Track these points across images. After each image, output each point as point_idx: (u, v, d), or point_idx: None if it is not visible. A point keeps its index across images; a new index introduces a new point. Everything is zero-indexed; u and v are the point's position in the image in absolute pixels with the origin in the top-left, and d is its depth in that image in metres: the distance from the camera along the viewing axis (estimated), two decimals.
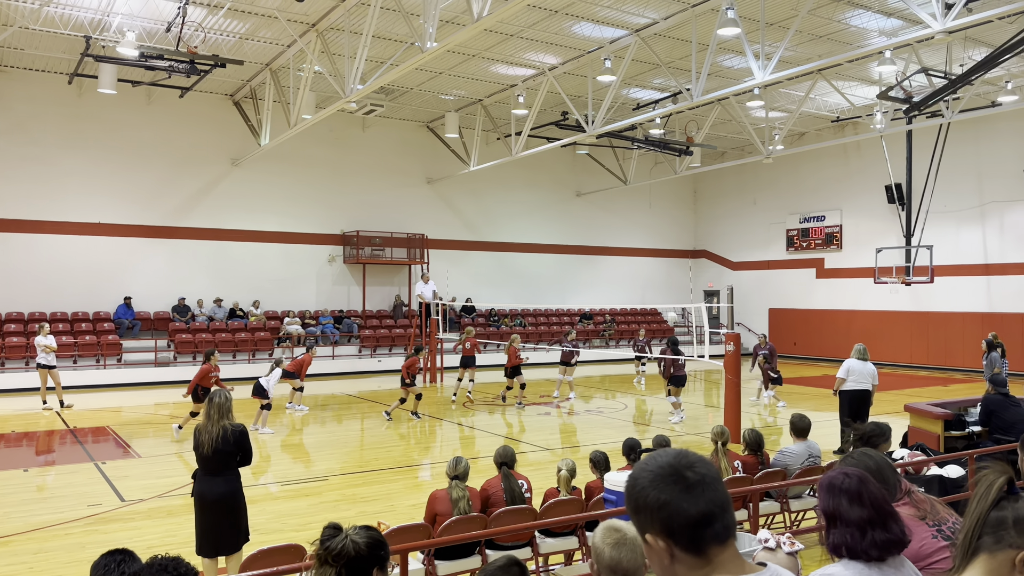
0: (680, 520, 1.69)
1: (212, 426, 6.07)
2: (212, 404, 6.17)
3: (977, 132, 23.86)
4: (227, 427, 6.09)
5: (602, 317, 30.37)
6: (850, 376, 11.64)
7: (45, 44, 18.81)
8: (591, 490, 6.72)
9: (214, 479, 6.10)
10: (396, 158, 26.89)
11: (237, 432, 6.12)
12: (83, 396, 18.24)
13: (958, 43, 18.32)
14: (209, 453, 6.04)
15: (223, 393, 6.28)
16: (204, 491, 6.10)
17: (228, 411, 6.19)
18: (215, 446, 6.02)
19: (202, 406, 12.24)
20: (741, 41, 15.20)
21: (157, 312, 22.89)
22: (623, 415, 16.30)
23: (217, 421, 6.09)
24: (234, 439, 6.08)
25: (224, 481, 6.12)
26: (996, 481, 2.04)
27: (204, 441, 6.05)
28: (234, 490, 6.18)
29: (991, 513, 2.01)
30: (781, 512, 7.43)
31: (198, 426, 6.21)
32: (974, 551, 2.02)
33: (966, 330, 24.49)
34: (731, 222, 32.64)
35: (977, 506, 2.04)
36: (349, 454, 12.39)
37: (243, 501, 6.30)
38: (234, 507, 6.18)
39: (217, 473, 6.11)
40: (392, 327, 25.67)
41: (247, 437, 6.20)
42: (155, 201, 22.93)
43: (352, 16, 16.51)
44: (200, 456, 6.13)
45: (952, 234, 24.57)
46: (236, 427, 6.15)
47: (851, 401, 11.61)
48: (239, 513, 6.24)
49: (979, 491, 2.05)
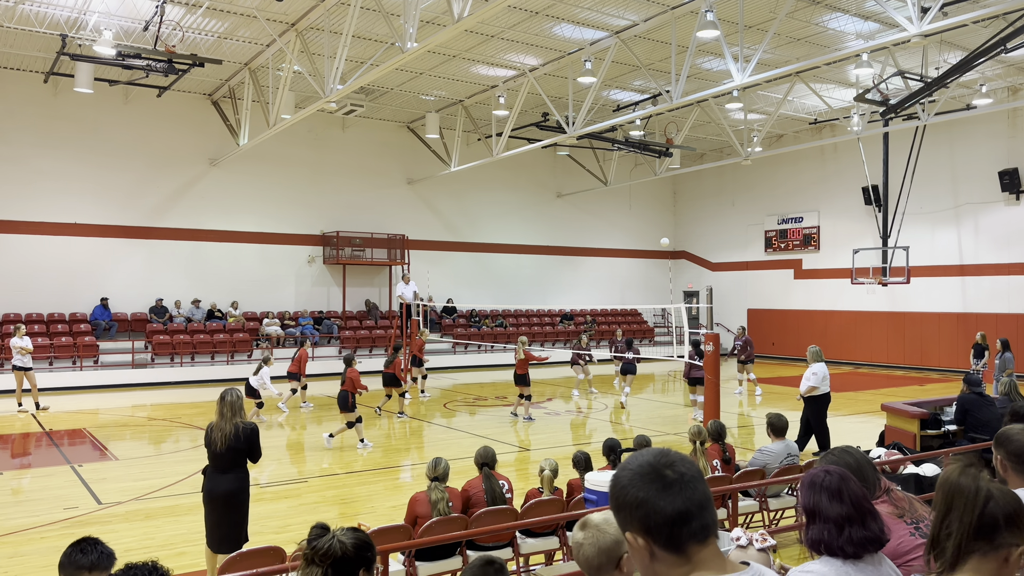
0: (657, 518, 1.70)
1: (225, 424, 6.17)
2: (225, 402, 6.26)
3: (952, 135, 24.19)
4: (239, 424, 6.20)
5: (583, 318, 30.45)
6: (822, 382, 11.64)
7: (20, 42, 18.56)
8: (572, 489, 6.74)
9: (223, 476, 6.22)
10: (376, 159, 26.80)
11: (249, 430, 6.24)
12: (59, 398, 18.02)
13: (934, 46, 18.56)
14: (222, 450, 6.14)
15: (234, 391, 6.36)
16: (213, 487, 6.22)
17: (240, 409, 6.30)
18: (228, 443, 6.12)
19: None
20: (720, 43, 15.30)
21: (134, 313, 22.65)
22: (604, 415, 16.35)
23: (230, 419, 6.19)
24: (245, 437, 6.19)
25: (233, 478, 6.24)
26: (980, 490, 2.06)
27: (217, 439, 6.15)
28: (242, 488, 6.31)
29: (982, 520, 2.03)
30: (760, 511, 7.48)
31: (210, 424, 6.31)
32: (966, 554, 2.04)
33: (942, 330, 24.81)
34: (710, 223, 32.84)
35: (964, 514, 2.05)
36: (329, 455, 12.33)
37: (248, 500, 6.40)
38: (239, 504, 6.30)
39: (227, 470, 6.22)
40: (372, 328, 25.58)
41: (257, 435, 6.32)
42: (132, 201, 22.70)
43: (332, 16, 16.44)
44: (212, 453, 6.23)
45: (928, 235, 24.89)
46: (248, 425, 6.27)
47: (823, 405, 11.60)
48: (243, 511, 6.35)
49: (965, 498, 2.07)
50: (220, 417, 6.22)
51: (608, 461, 7.07)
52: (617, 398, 17.83)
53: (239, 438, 6.16)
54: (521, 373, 15.46)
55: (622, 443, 7.24)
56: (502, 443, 12.91)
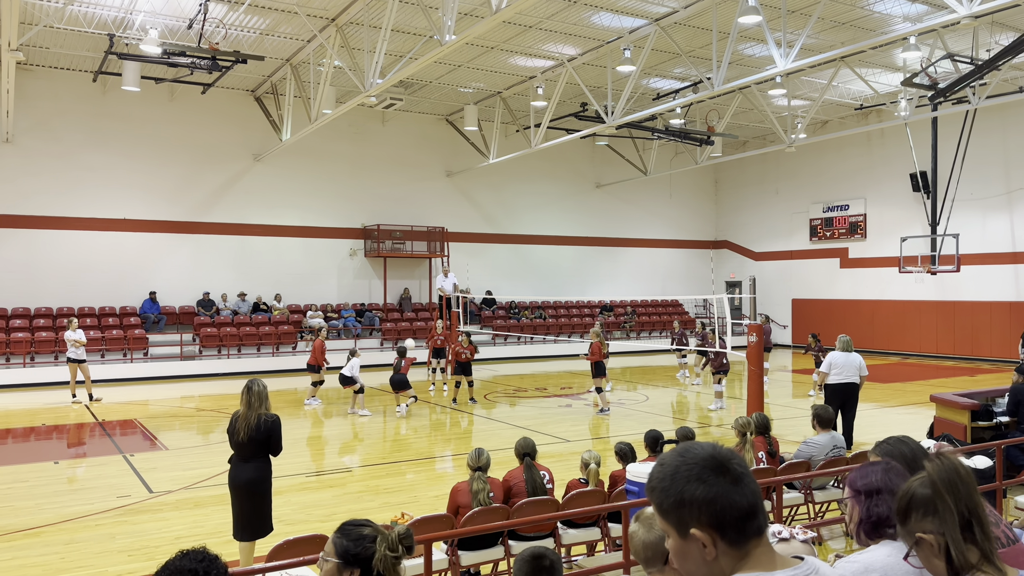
0: (733, 513, 1.66)
1: (251, 414, 6.20)
2: (251, 392, 6.26)
3: (1004, 118, 23.48)
4: (262, 415, 6.22)
5: (623, 309, 30.30)
6: (833, 370, 11.35)
7: (69, 42, 19.04)
8: (615, 480, 6.71)
9: (245, 465, 6.25)
10: (416, 151, 26.95)
11: (270, 421, 6.24)
12: (111, 390, 18.51)
13: (984, 27, 18.02)
14: (244, 440, 6.18)
15: (259, 382, 6.38)
16: (235, 475, 6.27)
17: (265, 399, 6.30)
18: (250, 434, 6.16)
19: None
20: (762, 29, 15.05)
21: (182, 306, 23.16)
22: (645, 407, 16.28)
23: (257, 409, 6.22)
24: (266, 428, 6.21)
25: (254, 467, 6.25)
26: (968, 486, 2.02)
27: (240, 428, 6.20)
28: (262, 478, 6.30)
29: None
30: (805, 503, 7.38)
31: (235, 413, 6.35)
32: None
33: (993, 320, 24.16)
34: (753, 212, 32.38)
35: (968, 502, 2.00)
36: (372, 446, 12.48)
37: (269, 490, 6.41)
38: (260, 493, 6.30)
39: (248, 460, 6.25)
40: (413, 320, 25.78)
41: (279, 427, 6.32)
42: (179, 196, 23.18)
43: (371, 10, 16.55)
44: (235, 442, 6.28)
45: (979, 222, 24.22)
46: (270, 417, 6.26)
47: (836, 394, 11.31)
48: (265, 500, 6.36)
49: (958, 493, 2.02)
50: (247, 407, 6.24)
51: (651, 452, 7.01)
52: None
53: (260, 429, 6.18)
54: (596, 362, 15.25)
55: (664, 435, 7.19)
56: (542, 434, 12.93)
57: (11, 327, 20.46)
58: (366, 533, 2.61)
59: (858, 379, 11.34)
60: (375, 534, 2.61)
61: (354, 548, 2.58)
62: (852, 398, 11.38)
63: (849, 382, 11.28)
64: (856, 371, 11.31)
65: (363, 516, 2.95)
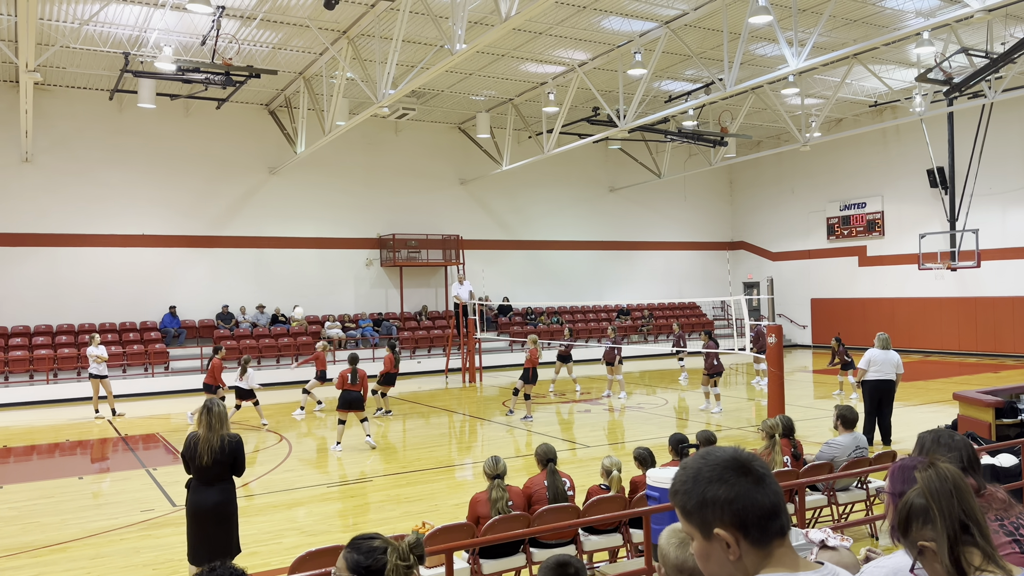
0: (755, 512, 1.69)
1: (213, 436, 5.96)
2: (212, 414, 6.01)
3: (1021, 111, 23.23)
4: (225, 437, 6.00)
5: (640, 312, 30.21)
6: (872, 366, 11.43)
7: (86, 62, 19.29)
8: (635, 485, 6.68)
9: (209, 489, 6.01)
10: (429, 160, 27.05)
11: (234, 442, 6.04)
12: (133, 404, 18.68)
13: (999, 21, 17.86)
14: (208, 463, 5.93)
15: (219, 403, 6.15)
16: (199, 501, 6.01)
17: (226, 419, 6.10)
18: (214, 456, 5.93)
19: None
20: (774, 28, 14.99)
21: (202, 320, 23.35)
22: (664, 410, 16.21)
23: (217, 431, 5.99)
24: (231, 449, 6.00)
25: (220, 491, 6.05)
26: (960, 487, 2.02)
27: (203, 451, 5.92)
28: (228, 500, 6.12)
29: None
30: (828, 505, 7.32)
31: (193, 435, 6.05)
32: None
33: (1016, 315, 23.87)
34: (769, 212, 32.20)
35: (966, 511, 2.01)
36: (392, 455, 12.50)
37: (236, 512, 6.24)
38: (228, 516, 6.13)
39: (212, 483, 6.02)
40: (430, 328, 25.84)
41: (242, 447, 6.12)
42: (196, 211, 23.39)
43: (382, 22, 16.65)
44: (196, 467, 6.01)
45: (998, 217, 23.95)
46: (232, 437, 6.06)
47: (874, 391, 11.42)
48: (232, 523, 6.18)
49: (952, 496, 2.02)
50: (208, 429, 5.97)
51: (675, 456, 6.97)
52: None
53: (224, 451, 5.95)
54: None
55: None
56: (560, 440, 12.91)
57: (34, 344, 20.71)
58: (376, 545, 2.63)
59: (895, 376, 11.39)
60: (385, 545, 2.64)
61: (365, 561, 2.60)
62: (889, 395, 11.48)
63: (887, 379, 11.40)
64: (893, 368, 11.43)
65: (384, 526, 2.97)
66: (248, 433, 14.36)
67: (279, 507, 9.27)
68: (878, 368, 11.41)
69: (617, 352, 17.62)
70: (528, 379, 15.18)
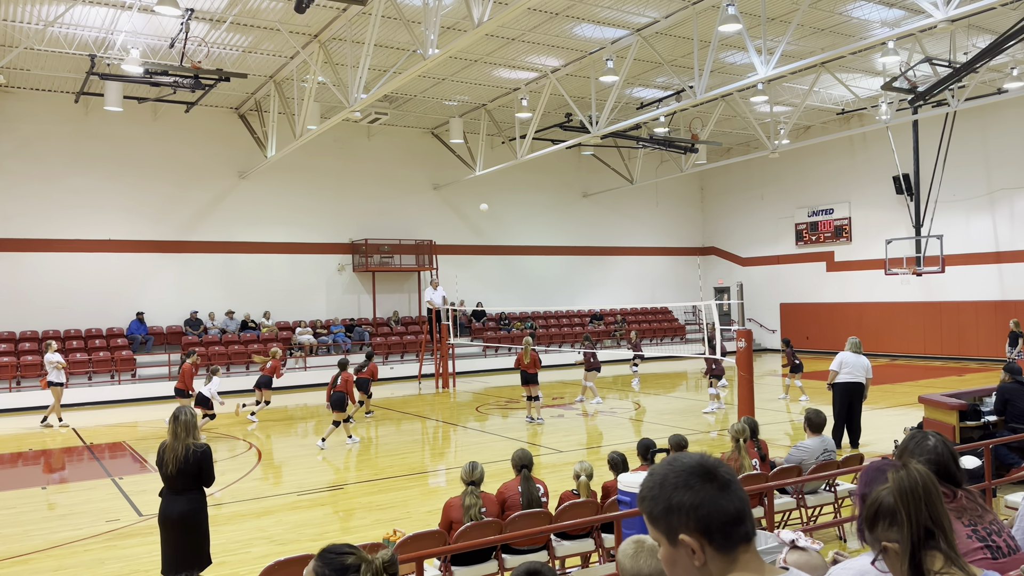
0: (720, 518, 1.70)
1: (178, 444, 5.90)
2: (178, 422, 5.95)
3: (983, 120, 23.73)
4: (190, 446, 5.92)
5: (612, 317, 30.34)
6: (843, 368, 11.67)
7: (50, 64, 18.97)
8: (607, 490, 6.70)
9: (177, 498, 5.97)
10: (402, 165, 26.96)
11: (200, 452, 5.96)
12: (98, 412, 18.35)
13: (961, 31, 18.23)
14: (174, 472, 5.89)
15: (188, 410, 6.09)
16: (167, 510, 5.97)
17: (194, 428, 6.02)
18: (179, 466, 5.88)
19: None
20: (743, 37, 15.17)
21: (170, 326, 23.01)
22: (636, 415, 16.28)
23: (183, 439, 5.92)
24: (195, 459, 5.93)
25: (187, 500, 5.98)
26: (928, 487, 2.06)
27: (168, 460, 5.89)
28: (196, 510, 6.04)
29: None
30: (797, 508, 7.39)
31: (163, 444, 6.02)
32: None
33: (979, 319, 24.34)
34: (739, 218, 32.55)
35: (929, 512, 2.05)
36: (364, 462, 12.41)
37: (205, 522, 6.15)
38: (195, 526, 6.04)
39: (180, 492, 5.97)
40: (403, 334, 25.72)
41: (210, 457, 6.05)
42: (164, 216, 23.08)
43: (354, 26, 16.58)
44: (163, 475, 5.98)
45: (962, 223, 24.43)
46: (199, 447, 5.97)
47: (844, 393, 11.64)
48: (200, 534, 6.09)
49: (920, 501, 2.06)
50: (174, 437, 5.92)
51: (644, 461, 7.00)
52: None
53: (188, 460, 5.88)
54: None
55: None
56: (535, 445, 12.90)
57: None
58: (349, 563, 2.46)
59: (864, 380, 11.57)
60: (359, 562, 2.48)
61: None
62: (858, 397, 11.67)
63: (857, 381, 11.59)
64: (863, 372, 11.61)
65: (356, 534, 2.92)
66: (217, 442, 14.18)
67: (248, 516, 9.16)
68: (849, 371, 11.62)
69: (592, 357, 17.80)
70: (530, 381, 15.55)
